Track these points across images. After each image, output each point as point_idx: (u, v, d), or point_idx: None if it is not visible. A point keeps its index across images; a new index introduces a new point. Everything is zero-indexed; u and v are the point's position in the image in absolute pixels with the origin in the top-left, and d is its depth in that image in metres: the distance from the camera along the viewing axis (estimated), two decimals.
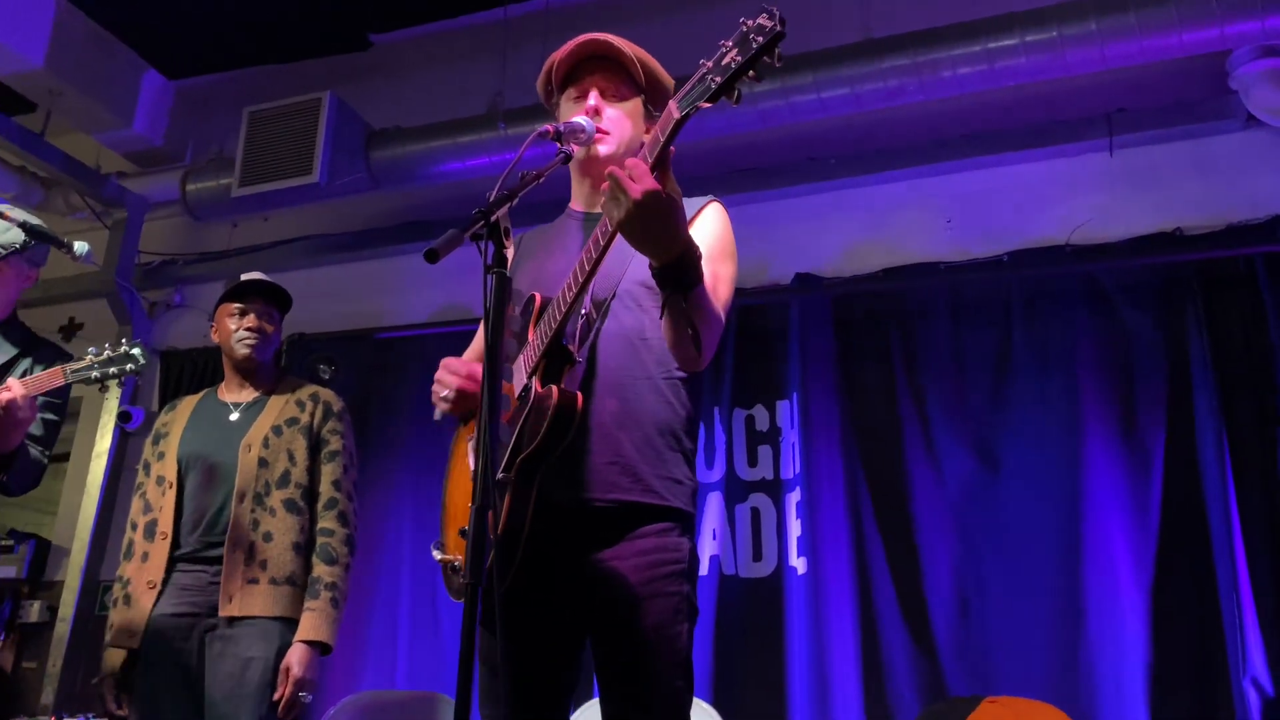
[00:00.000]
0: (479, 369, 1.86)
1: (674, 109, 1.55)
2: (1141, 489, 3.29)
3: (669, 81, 2.06)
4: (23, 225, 2.45)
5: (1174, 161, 3.61)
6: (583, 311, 1.79)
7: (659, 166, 1.61)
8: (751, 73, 1.47)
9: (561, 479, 1.75)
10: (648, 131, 2.02)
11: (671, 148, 1.61)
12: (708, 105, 1.51)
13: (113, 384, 2.51)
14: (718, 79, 1.48)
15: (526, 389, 1.74)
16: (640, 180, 1.56)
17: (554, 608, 1.80)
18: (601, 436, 1.78)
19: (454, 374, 1.85)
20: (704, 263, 1.83)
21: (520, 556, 1.71)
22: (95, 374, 2.48)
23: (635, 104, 2.00)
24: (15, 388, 2.39)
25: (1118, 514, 3.29)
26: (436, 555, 1.83)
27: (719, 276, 1.86)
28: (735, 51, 1.47)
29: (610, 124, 1.95)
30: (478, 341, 2.08)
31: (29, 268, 2.67)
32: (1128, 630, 3.16)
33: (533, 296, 1.84)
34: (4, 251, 2.48)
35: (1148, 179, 3.62)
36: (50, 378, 2.46)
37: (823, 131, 3.96)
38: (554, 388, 1.69)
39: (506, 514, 1.71)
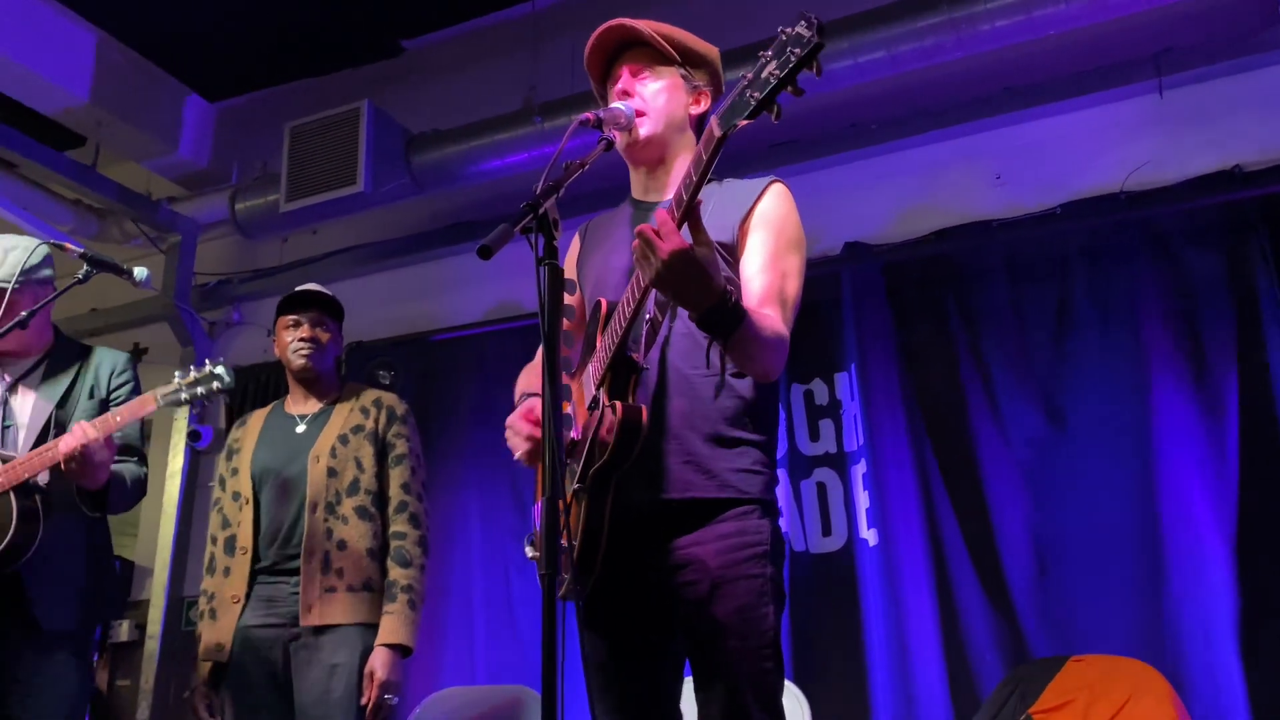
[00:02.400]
0: (537, 411, 1.85)
1: (714, 127, 1.52)
2: (1217, 434, 3.22)
3: (703, 47, 2.03)
4: (83, 255, 2.52)
5: (1227, 97, 3.51)
6: (647, 315, 1.79)
7: (688, 216, 1.60)
8: (791, 88, 1.43)
9: (638, 480, 1.76)
10: (695, 103, 2.00)
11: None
12: (748, 122, 1.48)
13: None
14: (756, 95, 1.45)
15: (595, 400, 1.76)
16: (668, 239, 1.56)
17: (643, 601, 1.82)
18: (674, 436, 1.79)
19: (518, 434, 1.86)
20: (769, 258, 1.83)
21: (603, 559, 1.74)
22: (184, 396, 2.50)
23: (671, 75, 1.98)
24: (88, 430, 2.39)
25: (1193, 461, 3.22)
26: (529, 553, 1.85)
27: (786, 273, 1.84)
28: (774, 64, 1.43)
29: (644, 101, 1.94)
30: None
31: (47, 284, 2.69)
32: (1212, 579, 3.10)
33: (599, 303, 1.85)
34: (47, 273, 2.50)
35: (1201, 117, 3.52)
36: (141, 405, 2.49)
37: (862, 97, 3.91)
38: (619, 404, 1.70)
39: (585, 521, 1.73)
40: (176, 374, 2.54)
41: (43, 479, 2.52)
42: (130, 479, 2.64)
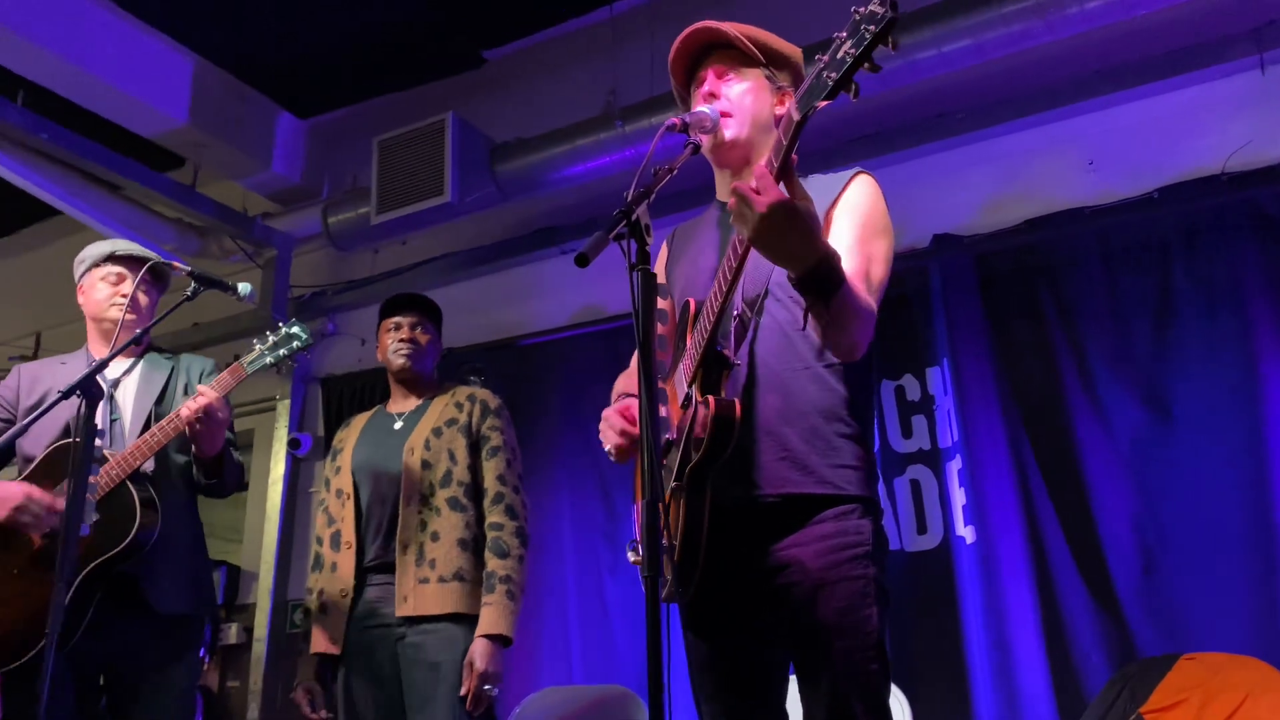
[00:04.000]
0: (633, 409, 1.88)
1: (793, 110, 1.52)
2: None
3: (787, 48, 2.03)
4: (190, 274, 2.63)
5: None
6: (735, 313, 1.79)
7: (785, 173, 1.59)
8: (868, 65, 1.42)
9: (733, 479, 1.76)
10: (780, 104, 2.00)
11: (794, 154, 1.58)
12: (826, 103, 1.48)
13: (283, 407, 2.66)
14: (833, 75, 1.45)
15: (688, 398, 1.76)
16: (766, 193, 1.55)
17: (744, 602, 1.82)
18: (767, 433, 1.79)
19: (612, 428, 1.90)
20: (855, 242, 1.81)
21: (703, 559, 1.74)
22: (270, 359, 2.66)
23: (756, 77, 1.98)
24: (208, 391, 2.57)
25: None
26: (631, 558, 1.87)
27: (872, 257, 1.83)
28: (849, 44, 1.43)
29: (730, 103, 1.94)
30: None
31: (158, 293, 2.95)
32: None
33: (688, 303, 1.85)
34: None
35: None
36: (232, 375, 2.64)
37: (947, 85, 3.84)
38: (711, 398, 1.70)
39: (683, 520, 1.73)
40: (256, 341, 2.69)
41: (148, 467, 2.67)
42: (236, 460, 2.82)
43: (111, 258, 2.88)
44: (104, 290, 2.85)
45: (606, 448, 1.91)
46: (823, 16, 3.69)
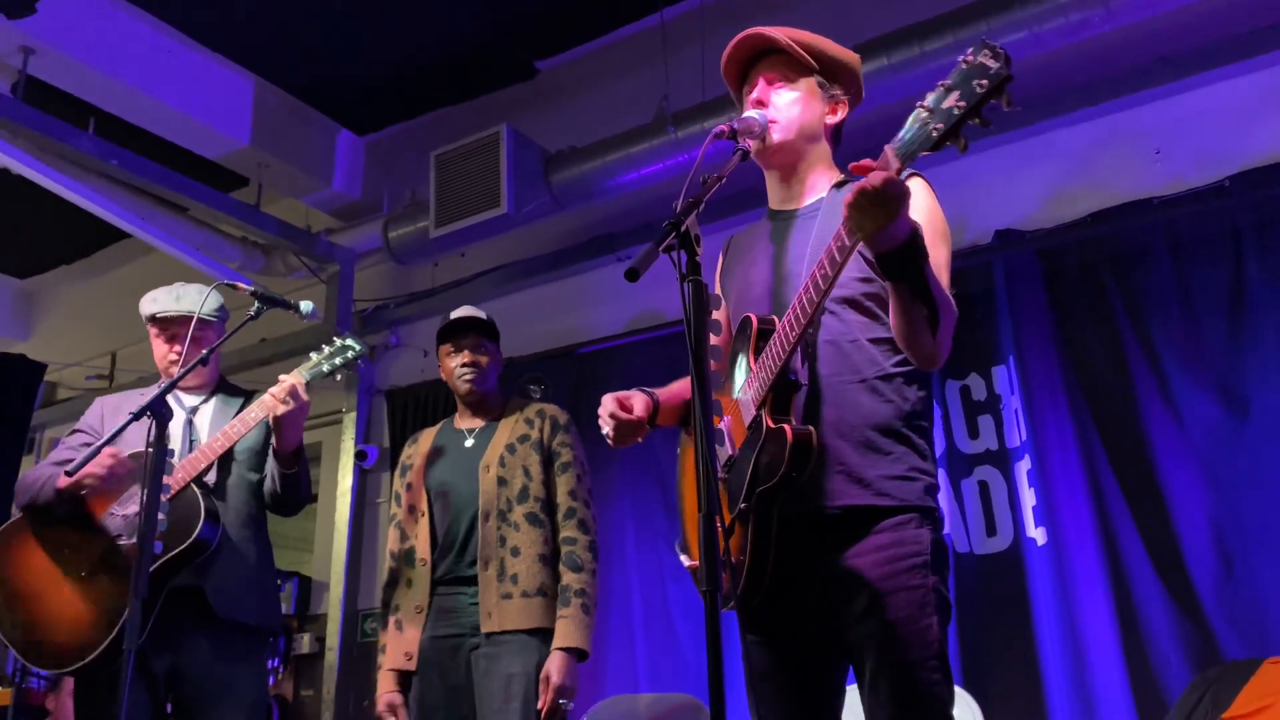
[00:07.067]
0: (628, 399, 1.91)
1: (891, 157, 1.49)
2: None
3: (843, 54, 2.01)
4: (254, 293, 2.68)
5: None
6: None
7: None
8: (977, 119, 1.38)
9: (792, 493, 1.74)
10: (832, 112, 1.98)
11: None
12: (929, 154, 1.44)
13: (349, 420, 2.69)
14: (939, 126, 1.41)
15: (757, 421, 1.75)
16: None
17: (804, 613, 1.81)
18: (824, 446, 1.77)
19: (604, 408, 1.90)
20: None
21: (770, 575, 1.73)
22: (325, 367, 2.77)
23: (807, 84, 1.96)
24: (289, 379, 2.68)
25: None
26: (684, 560, 1.87)
27: (939, 265, 1.79)
28: (957, 95, 1.38)
29: (777, 110, 1.92)
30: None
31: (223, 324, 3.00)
32: None
33: (748, 319, 1.84)
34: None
35: None
36: (292, 381, 2.70)
37: None
38: (787, 427, 1.69)
39: (752, 539, 1.73)
40: (313, 353, 2.78)
41: (211, 479, 2.76)
42: (308, 472, 2.89)
43: (152, 320, 2.93)
44: (160, 348, 2.95)
45: (605, 430, 1.90)
46: (874, 18, 3.68)
